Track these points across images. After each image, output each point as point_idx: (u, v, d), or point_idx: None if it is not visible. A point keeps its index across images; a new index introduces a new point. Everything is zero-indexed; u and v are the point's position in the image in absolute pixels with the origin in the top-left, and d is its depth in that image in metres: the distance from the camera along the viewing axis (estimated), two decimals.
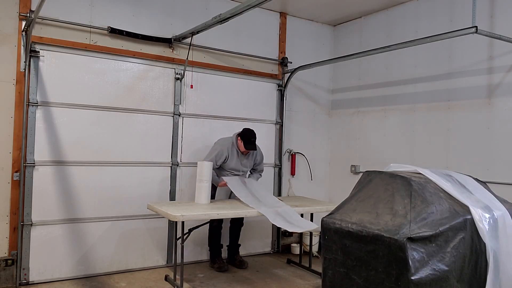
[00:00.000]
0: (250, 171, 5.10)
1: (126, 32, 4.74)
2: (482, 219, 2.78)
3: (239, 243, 5.23)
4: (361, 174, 3.56)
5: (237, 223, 5.14)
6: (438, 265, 2.56)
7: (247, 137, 4.72)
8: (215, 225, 4.95)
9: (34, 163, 4.31)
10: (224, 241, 5.15)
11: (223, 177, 4.69)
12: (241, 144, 4.73)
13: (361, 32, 5.94)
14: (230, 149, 4.77)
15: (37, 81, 4.32)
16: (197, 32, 4.74)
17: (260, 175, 5.18)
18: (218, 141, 4.91)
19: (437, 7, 4.96)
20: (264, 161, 5.21)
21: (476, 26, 3.75)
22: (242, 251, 5.33)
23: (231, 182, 4.62)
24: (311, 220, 5.23)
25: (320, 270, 3.44)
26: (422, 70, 5.10)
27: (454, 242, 2.65)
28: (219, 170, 4.83)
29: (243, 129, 4.84)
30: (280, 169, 5.90)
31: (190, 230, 4.37)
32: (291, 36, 6.01)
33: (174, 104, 5.09)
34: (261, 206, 4.27)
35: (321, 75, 6.27)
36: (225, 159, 4.74)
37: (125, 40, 4.78)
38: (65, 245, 4.47)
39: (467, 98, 4.64)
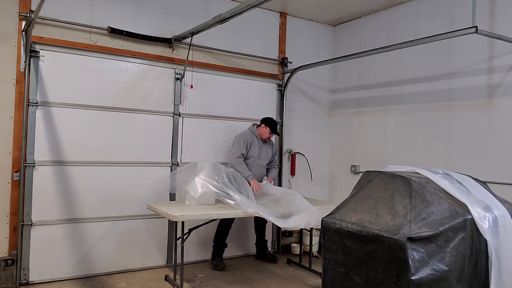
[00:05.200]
0: (267, 168, 5.22)
1: (126, 32, 4.74)
2: (482, 218, 2.78)
3: (265, 239, 5.38)
4: (361, 174, 3.56)
5: (260, 220, 5.07)
6: (438, 265, 2.56)
7: (273, 123, 5.07)
8: (225, 223, 4.98)
9: (34, 163, 4.31)
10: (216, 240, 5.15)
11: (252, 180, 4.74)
12: (265, 130, 5.02)
13: (361, 32, 5.95)
14: (252, 138, 5.01)
15: (37, 81, 4.32)
16: (197, 32, 4.75)
17: (276, 167, 5.36)
18: (238, 136, 5.07)
19: (437, 7, 4.96)
20: None
21: (476, 26, 3.75)
22: (242, 251, 5.34)
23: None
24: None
25: (320, 270, 3.44)
26: (422, 70, 5.10)
27: (454, 242, 2.65)
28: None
29: (265, 117, 5.15)
30: (280, 169, 5.89)
31: (190, 230, 4.37)
32: (291, 36, 6.01)
33: (174, 104, 5.09)
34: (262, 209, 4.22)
35: (321, 75, 6.27)
36: (248, 146, 4.95)
37: (125, 40, 4.78)
38: (65, 245, 4.47)
39: (467, 98, 4.64)
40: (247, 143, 4.96)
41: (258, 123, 5.15)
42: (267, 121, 5.06)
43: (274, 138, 5.42)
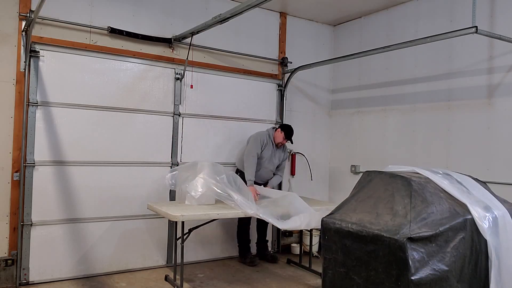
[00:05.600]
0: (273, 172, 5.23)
1: (126, 32, 4.74)
2: (482, 218, 2.78)
3: (266, 239, 5.44)
4: (361, 174, 3.56)
5: (263, 220, 5.10)
6: (438, 265, 2.56)
7: (289, 129, 5.09)
8: (243, 220, 5.05)
9: (34, 163, 4.31)
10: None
11: (252, 186, 4.73)
12: (280, 135, 5.03)
13: (361, 32, 5.94)
14: (267, 139, 5.03)
15: (37, 81, 4.32)
16: (197, 32, 4.75)
17: (281, 176, 5.33)
18: (254, 135, 5.08)
19: (437, 7, 4.96)
20: None
21: (476, 26, 3.75)
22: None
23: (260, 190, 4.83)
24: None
25: (320, 270, 3.44)
26: (422, 70, 5.10)
27: (454, 242, 2.65)
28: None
29: (283, 124, 5.44)
30: None
31: (190, 230, 4.37)
32: (291, 36, 6.01)
33: (174, 104, 5.09)
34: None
35: (321, 75, 6.27)
36: (263, 147, 4.97)
37: (125, 40, 4.78)
38: (65, 245, 4.47)
39: (467, 98, 4.64)
40: (263, 143, 4.98)
41: (276, 127, 5.22)
42: (284, 127, 5.12)
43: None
